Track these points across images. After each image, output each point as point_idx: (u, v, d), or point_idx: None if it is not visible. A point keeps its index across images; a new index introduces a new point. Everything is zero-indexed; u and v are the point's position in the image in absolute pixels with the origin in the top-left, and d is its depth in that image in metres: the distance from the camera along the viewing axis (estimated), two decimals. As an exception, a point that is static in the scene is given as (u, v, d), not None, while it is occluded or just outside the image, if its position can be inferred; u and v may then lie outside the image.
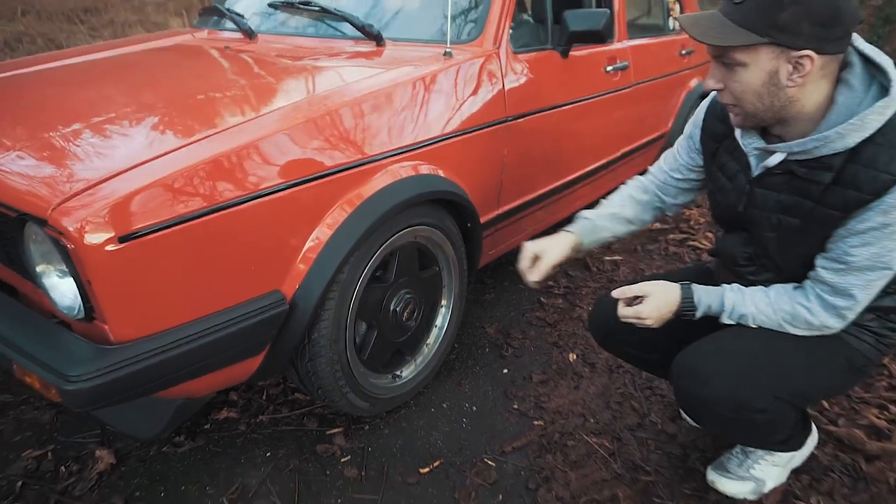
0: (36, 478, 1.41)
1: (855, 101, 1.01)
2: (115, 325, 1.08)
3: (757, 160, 1.16)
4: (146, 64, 1.88)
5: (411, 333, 1.67)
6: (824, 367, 1.17)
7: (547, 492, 1.42)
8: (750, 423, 1.16)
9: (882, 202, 0.98)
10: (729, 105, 1.10)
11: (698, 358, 1.18)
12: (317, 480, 1.44)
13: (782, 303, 1.15)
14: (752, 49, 0.99)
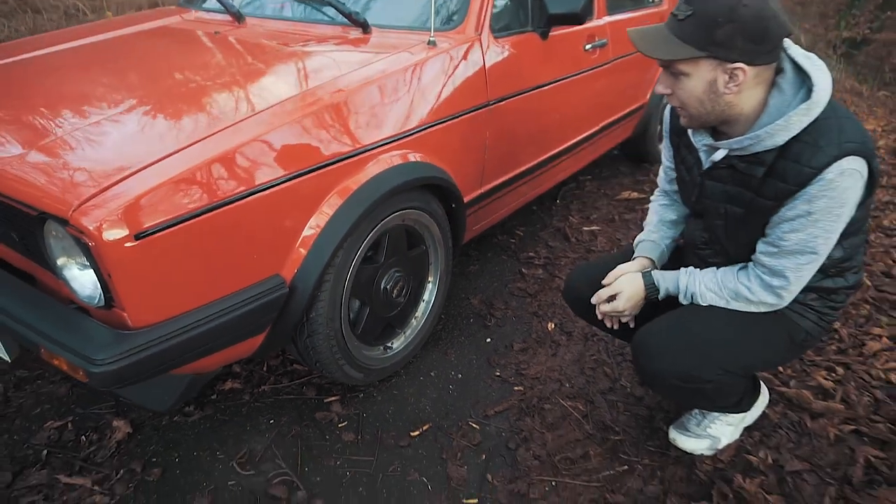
0: (59, 446, 1.54)
1: (784, 104, 1.13)
2: (134, 312, 1.19)
3: (706, 155, 1.29)
4: (143, 51, 1.92)
5: (401, 308, 1.80)
6: (767, 342, 1.32)
7: (525, 451, 1.58)
8: (699, 391, 1.31)
9: (806, 192, 1.11)
10: (677, 107, 1.23)
11: (652, 336, 1.33)
12: (317, 445, 1.58)
13: (727, 282, 1.29)
14: (693, 61, 1.12)
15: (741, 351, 1.30)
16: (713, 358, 1.27)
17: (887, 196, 3.26)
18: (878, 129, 4.61)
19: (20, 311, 1.27)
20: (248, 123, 1.35)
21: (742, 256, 1.31)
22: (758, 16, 1.07)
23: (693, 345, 1.28)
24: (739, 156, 1.20)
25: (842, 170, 1.08)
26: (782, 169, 1.14)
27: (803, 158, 1.11)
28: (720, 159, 1.24)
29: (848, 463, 1.54)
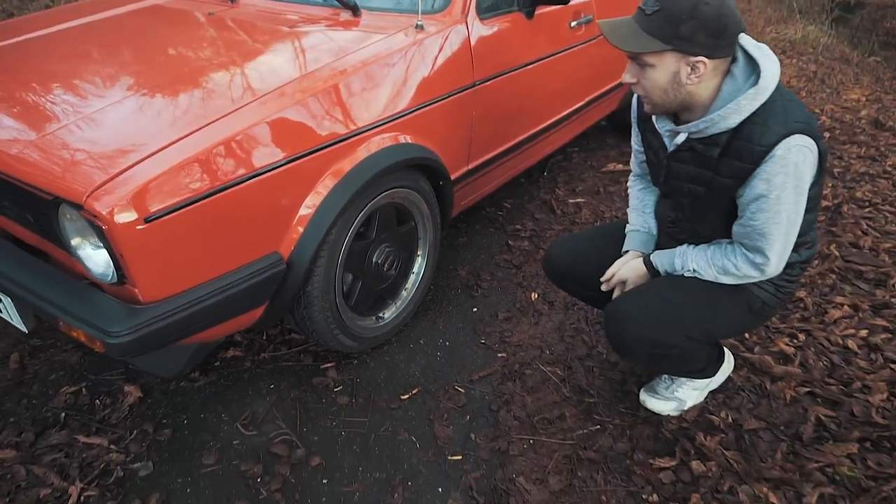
0: (76, 409, 1.67)
1: (735, 90, 1.24)
2: (144, 288, 1.30)
3: (669, 139, 1.39)
4: (141, 33, 1.97)
5: (391, 281, 1.91)
6: (727, 311, 1.45)
7: (506, 412, 1.72)
8: (665, 357, 1.43)
9: (761, 171, 1.22)
10: (641, 96, 1.33)
11: (622, 305, 1.45)
12: (314, 407, 1.71)
13: (716, 260, 1.40)
14: (659, 54, 1.22)
15: (703, 319, 1.42)
16: (678, 325, 1.40)
17: (864, 167, 3.37)
18: (861, 98, 4.69)
19: (40, 287, 1.37)
20: (246, 110, 1.43)
21: (707, 235, 1.43)
22: (718, 13, 1.17)
23: (659, 313, 1.40)
24: (698, 139, 1.31)
25: (790, 146, 1.20)
26: (736, 149, 1.25)
27: (754, 138, 1.22)
28: (682, 142, 1.35)
29: (801, 421, 1.69)
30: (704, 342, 1.48)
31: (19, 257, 1.48)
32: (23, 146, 1.36)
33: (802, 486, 1.50)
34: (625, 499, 1.48)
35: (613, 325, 1.45)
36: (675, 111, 1.33)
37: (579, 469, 1.55)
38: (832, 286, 2.28)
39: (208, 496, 1.46)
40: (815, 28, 7.20)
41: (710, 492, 1.49)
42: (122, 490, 1.46)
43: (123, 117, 1.44)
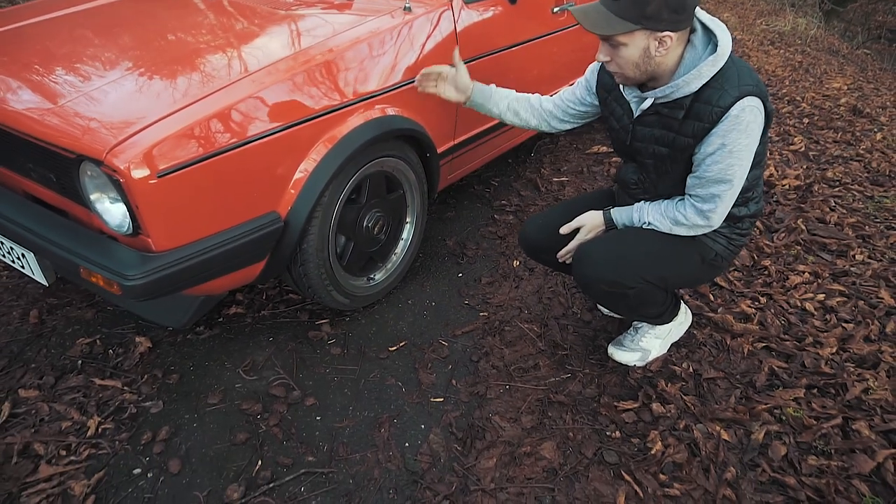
0: (91, 358, 1.82)
1: (696, 58, 1.40)
2: (157, 238, 1.45)
3: (636, 105, 1.54)
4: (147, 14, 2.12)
5: (381, 245, 2.06)
6: (681, 259, 1.60)
7: (486, 363, 1.87)
8: (624, 296, 1.58)
9: (718, 128, 1.39)
10: (614, 73, 1.47)
11: (589, 249, 1.60)
12: (310, 357, 1.87)
13: (668, 212, 1.56)
14: (630, 34, 1.37)
15: (658, 264, 1.58)
16: (635, 268, 1.55)
17: (838, 151, 3.52)
18: (843, 87, 4.83)
19: (63, 239, 1.52)
20: (247, 80, 1.58)
21: (667, 193, 1.58)
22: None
23: (620, 257, 1.56)
24: (663, 103, 1.47)
25: (743, 107, 1.36)
26: (697, 111, 1.41)
27: (713, 100, 1.38)
28: (647, 107, 1.51)
29: (755, 371, 1.85)
30: (659, 287, 1.63)
31: (42, 214, 1.63)
32: (46, 112, 1.51)
33: (751, 424, 1.66)
34: (590, 435, 1.64)
35: (579, 265, 1.60)
36: (644, 82, 1.48)
37: (550, 410, 1.71)
38: (796, 256, 2.44)
39: (213, 430, 1.61)
40: (805, 20, 7.34)
41: (667, 430, 1.65)
42: (135, 424, 1.62)
43: (134, 88, 1.59)
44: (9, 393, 1.68)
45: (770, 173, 3.11)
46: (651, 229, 1.57)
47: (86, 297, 2.06)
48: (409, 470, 1.52)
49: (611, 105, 1.65)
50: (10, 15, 2.16)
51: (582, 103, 1.79)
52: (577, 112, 1.82)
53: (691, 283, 1.79)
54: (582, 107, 1.80)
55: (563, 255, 1.69)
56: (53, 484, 1.44)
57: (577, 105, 1.80)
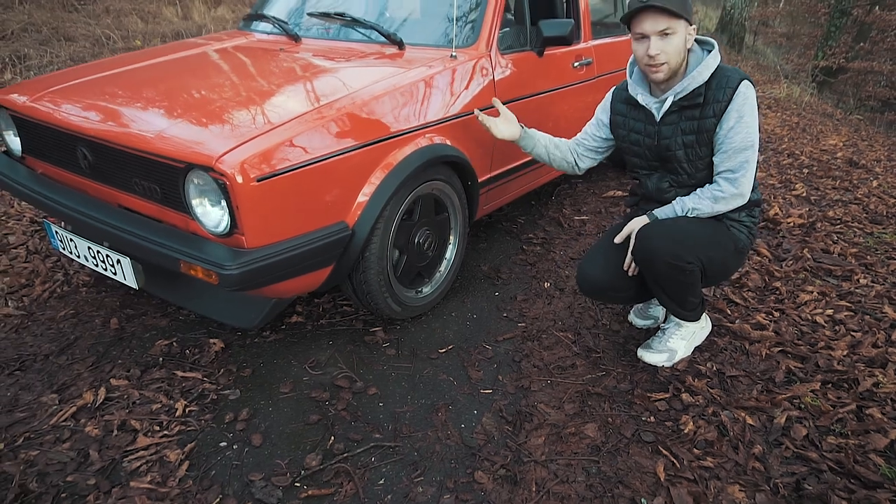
0: (170, 356, 2.02)
1: (698, 58, 1.78)
2: (250, 235, 1.68)
3: (658, 109, 1.84)
4: (233, 61, 2.44)
5: (429, 261, 2.29)
6: (721, 244, 1.83)
7: (528, 363, 2.06)
8: (682, 272, 1.76)
9: (732, 104, 1.72)
10: (660, 66, 1.74)
11: (649, 231, 1.81)
12: (367, 357, 2.06)
13: (706, 193, 1.81)
14: (680, 20, 1.70)
15: (709, 245, 1.80)
16: (693, 245, 1.77)
17: (837, 196, 3.78)
18: (839, 143, 5.16)
19: (165, 239, 1.76)
20: (326, 108, 1.86)
21: (703, 180, 1.85)
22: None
23: (680, 234, 1.78)
24: (682, 97, 1.77)
25: (747, 85, 1.74)
26: (713, 95, 1.74)
27: (724, 84, 1.73)
28: (669, 107, 1.80)
29: (773, 370, 2.02)
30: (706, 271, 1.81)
31: (143, 221, 1.87)
32: (160, 133, 1.78)
33: (773, 411, 1.83)
34: (627, 420, 1.80)
35: (641, 243, 1.80)
36: (674, 76, 1.78)
37: (589, 400, 1.88)
38: (804, 279, 2.64)
39: (287, 413, 1.79)
40: (799, 88, 7.81)
41: (697, 415, 1.81)
42: (217, 407, 1.80)
43: (232, 112, 1.87)
44: (101, 382, 1.87)
45: (775, 212, 3.36)
46: (695, 216, 1.81)
47: (159, 308, 2.27)
48: (466, 445, 1.69)
49: (629, 124, 1.94)
50: (105, 64, 2.49)
51: (595, 138, 2.11)
52: (593, 146, 2.12)
53: (725, 272, 1.94)
54: (595, 141, 2.11)
55: (627, 265, 1.90)
56: (151, 452, 1.61)
57: (591, 140, 2.12)
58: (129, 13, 8.85)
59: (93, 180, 2.00)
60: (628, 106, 1.95)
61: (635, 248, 1.84)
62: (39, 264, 2.51)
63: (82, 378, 1.89)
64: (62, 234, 2.11)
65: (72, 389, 1.84)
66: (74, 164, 2.02)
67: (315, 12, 2.72)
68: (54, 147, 2.08)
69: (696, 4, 16.97)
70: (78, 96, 2.12)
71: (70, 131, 1.95)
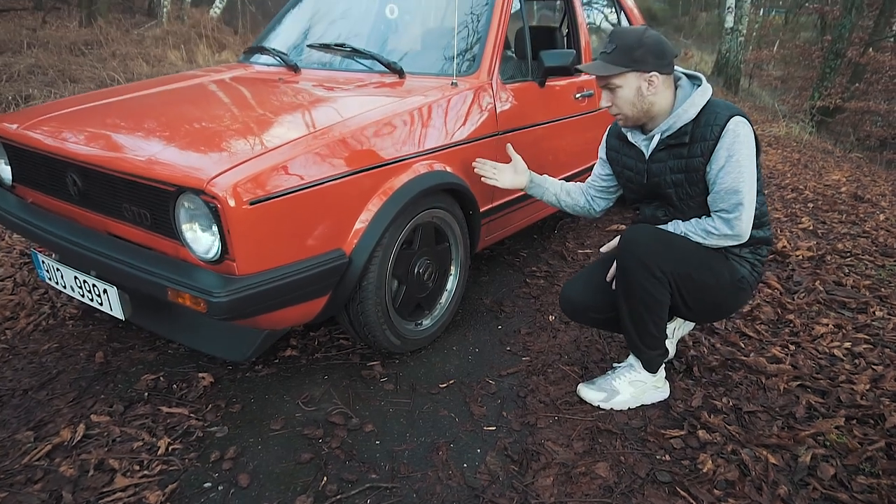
0: (156, 391, 1.91)
1: (686, 95, 1.71)
2: (241, 262, 1.60)
3: (646, 147, 1.78)
4: (229, 90, 2.41)
5: (429, 292, 2.20)
6: (716, 272, 1.75)
7: (533, 398, 1.95)
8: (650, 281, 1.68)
9: (722, 144, 1.64)
10: (616, 116, 1.75)
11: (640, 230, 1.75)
12: (364, 392, 1.95)
13: (699, 225, 1.73)
14: (623, 75, 1.67)
15: (693, 265, 1.72)
16: (673, 258, 1.69)
17: (845, 229, 3.72)
18: (842, 178, 5.13)
19: (153, 266, 1.68)
20: (323, 133, 1.81)
21: (698, 215, 1.76)
22: (657, 41, 1.67)
23: (665, 243, 1.71)
24: (669, 135, 1.72)
25: (737, 122, 1.64)
26: (700, 133, 1.67)
27: (711, 121, 1.65)
28: (656, 145, 1.75)
29: (793, 405, 1.91)
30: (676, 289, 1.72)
31: (130, 248, 1.79)
32: (151, 157, 1.72)
33: (797, 449, 1.71)
34: (641, 458, 1.69)
35: (625, 238, 1.74)
36: (643, 121, 1.75)
37: (599, 437, 1.77)
38: (818, 312, 2.55)
39: (278, 451, 1.67)
40: (798, 127, 7.85)
41: (716, 453, 1.70)
42: (202, 445, 1.68)
43: (226, 137, 1.82)
44: (81, 418, 1.76)
45: (783, 245, 3.28)
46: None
47: (148, 341, 2.18)
48: (469, 486, 1.57)
49: (622, 160, 1.90)
50: (100, 95, 2.46)
51: (603, 177, 2.06)
52: (603, 186, 2.07)
53: (715, 304, 1.83)
54: (604, 181, 2.06)
55: (611, 277, 1.83)
56: (129, 494, 1.49)
57: (600, 180, 2.07)
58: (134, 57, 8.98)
59: (82, 208, 1.94)
60: (621, 142, 1.91)
61: (618, 245, 1.78)
62: (26, 297, 2.43)
63: (61, 414, 1.78)
64: (49, 264, 2.04)
65: (49, 426, 1.73)
66: (64, 190, 1.96)
67: (315, 44, 2.70)
68: (44, 174, 2.02)
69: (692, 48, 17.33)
70: (69, 123, 2.08)
71: (60, 157, 1.90)
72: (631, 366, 1.92)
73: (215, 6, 12.62)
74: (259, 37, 3.10)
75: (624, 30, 1.74)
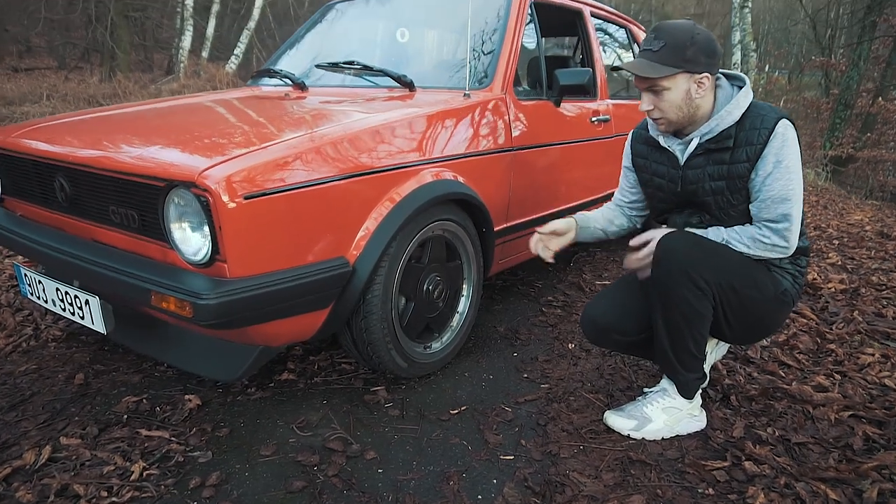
0: (137, 414, 1.73)
1: (728, 95, 1.55)
2: (233, 263, 1.45)
3: (681, 151, 1.63)
4: (231, 105, 2.32)
5: (439, 313, 2.03)
6: (761, 285, 1.58)
7: (555, 426, 1.74)
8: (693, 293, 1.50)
9: (770, 148, 1.47)
10: (657, 120, 1.59)
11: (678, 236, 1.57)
12: (367, 418, 1.76)
13: (745, 232, 1.56)
14: (672, 77, 1.51)
15: (738, 276, 1.54)
16: (718, 266, 1.52)
17: (875, 265, 3.54)
18: (864, 219, 4.97)
19: (136, 269, 1.53)
20: (327, 131, 1.69)
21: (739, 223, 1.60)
22: (708, 38, 1.52)
23: (707, 251, 1.54)
24: (709, 139, 1.56)
25: (785, 125, 1.48)
26: (745, 137, 1.51)
27: (757, 124, 1.50)
28: (694, 149, 1.59)
29: (849, 436, 1.69)
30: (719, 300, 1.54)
31: (115, 252, 1.65)
32: (140, 153, 1.61)
33: (860, 483, 1.49)
34: (680, 492, 1.47)
35: (663, 245, 1.54)
36: (684, 125, 1.59)
37: (632, 468, 1.56)
38: (861, 342, 2.35)
39: (267, 478, 1.47)
40: (814, 173, 7.75)
41: (767, 487, 1.48)
42: (182, 470, 1.49)
43: (222, 136, 1.70)
44: (49, 440, 1.58)
45: (813, 277, 3.10)
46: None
47: (133, 363, 2.01)
48: (484, 520, 1.36)
49: (651, 167, 1.74)
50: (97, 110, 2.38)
51: (632, 191, 1.90)
52: (634, 200, 1.91)
53: (762, 320, 1.66)
54: (633, 195, 1.91)
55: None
56: (93, 523, 1.30)
57: (629, 193, 1.91)
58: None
59: (70, 215, 1.82)
60: (649, 147, 1.75)
61: (654, 253, 1.57)
62: (8, 317, 2.27)
63: (28, 437, 1.60)
64: (31, 277, 1.90)
65: (13, 449, 1.54)
66: (52, 198, 1.84)
67: (323, 64, 2.63)
68: (33, 181, 1.91)
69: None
70: (62, 130, 1.98)
71: (49, 160, 1.79)
72: (664, 390, 1.72)
73: (231, 61, 12.94)
74: (267, 62, 3.05)
75: (672, 25, 1.54)
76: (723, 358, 2.12)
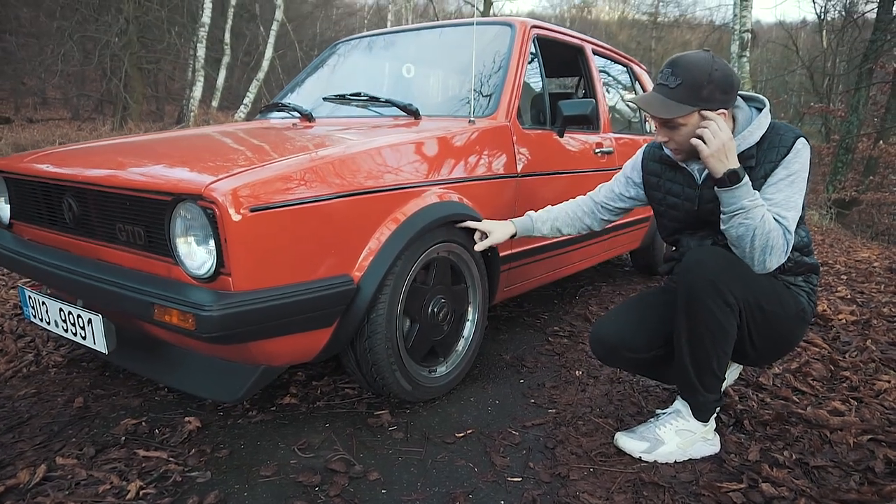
0: (136, 436, 1.69)
1: (747, 116, 1.57)
2: (237, 276, 1.44)
3: (699, 172, 1.63)
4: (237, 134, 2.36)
5: (444, 336, 2.00)
6: (784, 302, 1.56)
7: (563, 449, 1.69)
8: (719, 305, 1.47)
9: (784, 162, 1.49)
10: (674, 150, 1.61)
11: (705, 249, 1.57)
12: (370, 440, 1.71)
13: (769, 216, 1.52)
14: (688, 115, 1.51)
15: (763, 292, 1.53)
16: (745, 281, 1.50)
17: (886, 298, 3.49)
18: (871, 256, 4.94)
19: (140, 283, 1.52)
20: (334, 151, 1.71)
21: None
22: (725, 74, 1.50)
23: (734, 265, 1.52)
24: None
25: (803, 143, 1.49)
26: (765, 155, 1.52)
27: (777, 143, 1.51)
28: None
29: (870, 459, 1.64)
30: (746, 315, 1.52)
31: (118, 269, 1.65)
32: (148, 170, 1.62)
33: (884, 505, 1.43)
34: (696, 514, 1.42)
35: (690, 256, 1.55)
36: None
37: (644, 490, 1.50)
38: (875, 369, 2.29)
39: (266, 498, 1.43)
40: (818, 214, 7.76)
41: (785, 509, 1.42)
42: (179, 490, 1.44)
43: (228, 155, 1.72)
44: (45, 460, 1.54)
45: (823, 308, 3.06)
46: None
47: (133, 388, 1.97)
48: (492, 540, 1.31)
49: (665, 186, 1.74)
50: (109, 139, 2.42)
51: (622, 199, 1.92)
52: (618, 208, 1.95)
53: (784, 337, 1.64)
54: (622, 202, 1.93)
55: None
56: (85, 541, 1.25)
57: (616, 201, 1.94)
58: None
59: (76, 236, 1.83)
60: (663, 166, 1.75)
61: (683, 264, 1.57)
62: (10, 343, 2.25)
63: (24, 457, 1.56)
64: (35, 299, 1.89)
65: (7, 469, 1.50)
66: (60, 219, 1.86)
67: (331, 96, 2.69)
68: (42, 202, 1.93)
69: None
70: (71, 155, 2.01)
71: (58, 181, 1.82)
72: (678, 412, 1.68)
73: (240, 110, 13.24)
74: (276, 97, 3.11)
75: (689, 60, 1.50)
76: (734, 383, 2.08)
